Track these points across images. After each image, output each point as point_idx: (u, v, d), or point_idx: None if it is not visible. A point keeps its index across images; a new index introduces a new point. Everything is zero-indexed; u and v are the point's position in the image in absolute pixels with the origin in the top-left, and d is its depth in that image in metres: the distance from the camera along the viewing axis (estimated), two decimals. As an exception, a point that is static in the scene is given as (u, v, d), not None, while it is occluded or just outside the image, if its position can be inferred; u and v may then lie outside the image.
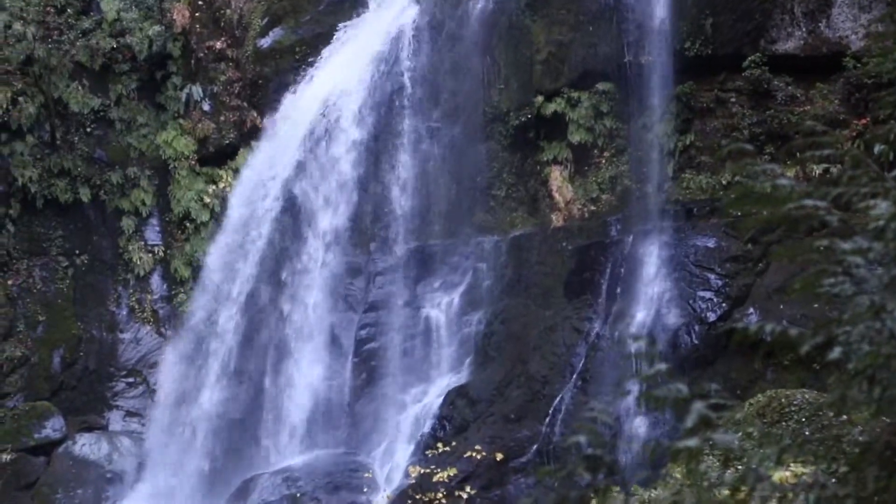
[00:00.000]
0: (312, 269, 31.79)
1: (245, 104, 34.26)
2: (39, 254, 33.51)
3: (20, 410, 31.53)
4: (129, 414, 33.04)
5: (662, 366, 5.25)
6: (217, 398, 31.50)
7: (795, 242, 5.69)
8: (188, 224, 33.70)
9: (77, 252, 33.68)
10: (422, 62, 32.12)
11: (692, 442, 4.87)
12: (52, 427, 31.26)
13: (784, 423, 18.12)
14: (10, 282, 33.08)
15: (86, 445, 31.08)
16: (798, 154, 25.11)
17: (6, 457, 30.54)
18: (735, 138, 27.72)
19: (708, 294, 26.57)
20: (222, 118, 34.22)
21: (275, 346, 31.88)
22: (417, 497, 13.32)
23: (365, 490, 26.60)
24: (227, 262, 32.13)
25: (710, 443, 4.99)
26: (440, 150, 32.16)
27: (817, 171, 25.64)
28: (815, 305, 23.00)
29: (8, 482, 30.34)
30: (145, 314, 33.75)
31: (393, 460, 28.86)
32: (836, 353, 5.10)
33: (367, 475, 27.45)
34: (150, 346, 33.62)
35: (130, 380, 33.36)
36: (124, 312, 33.83)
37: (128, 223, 33.64)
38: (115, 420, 32.94)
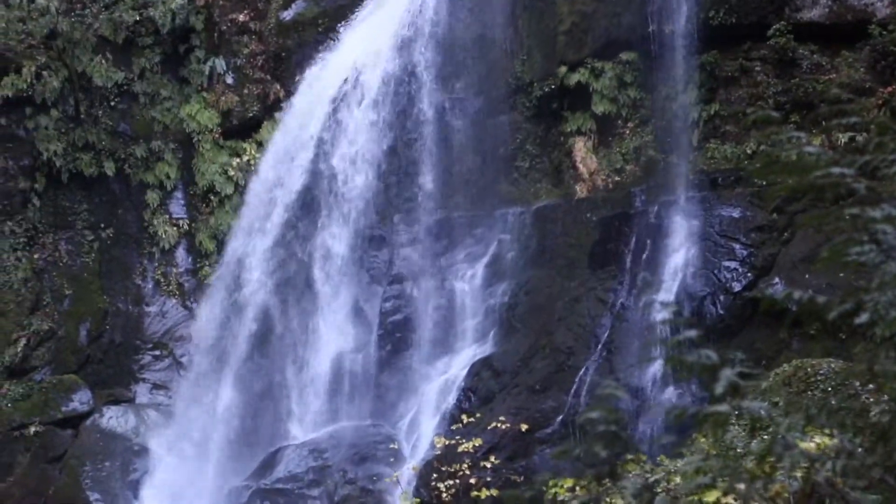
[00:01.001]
0: (336, 241, 31.81)
1: (268, 77, 34.26)
2: (65, 227, 33.63)
3: (48, 384, 31.71)
4: (156, 387, 33.18)
5: (691, 332, 5.23)
6: (243, 371, 31.60)
7: (822, 211, 5.65)
8: (212, 197, 33.75)
9: (102, 226, 33.79)
10: (444, 34, 32.02)
11: (722, 408, 4.86)
12: (80, 400, 31.42)
13: (810, 393, 18.06)
14: (36, 255, 33.22)
15: (113, 418, 31.23)
16: (824, 122, 24.99)
17: (34, 430, 30.73)
18: (760, 107, 27.58)
19: (733, 264, 26.49)
20: (245, 91, 34.23)
21: (299, 319, 31.94)
22: (443, 468, 13.34)
23: (391, 461, 26.68)
24: (251, 235, 32.17)
25: (738, 411, 4.98)
26: (463, 122, 32.11)
27: (843, 140, 25.50)
28: (842, 275, 22.89)
29: (36, 455, 30.54)
30: (171, 287, 33.86)
31: (418, 432, 28.92)
32: (863, 319, 5.07)
33: (392, 446, 27.53)
34: (176, 319, 33.74)
35: (157, 352, 33.48)
36: (150, 285, 33.94)
37: (152, 196, 33.71)
38: (142, 393, 33.08)
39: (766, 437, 5.31)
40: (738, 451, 5.64)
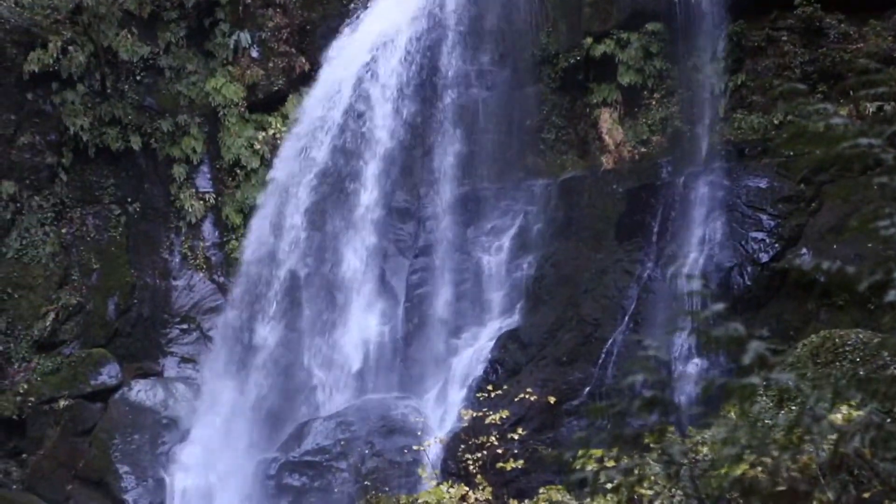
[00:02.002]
0: (362, 214, 31.82)
1: (293, 50, 34.24)
2: (92, 202, 33.73)
3: (76, 357, 31.86)
4: (184, 360, 33.30)
5: (719, 305, 5.22)
6: (270, 344, 31.69)
7: (849, 181, 5.64)
8: (238, 171, 33.78)
9: (129, 200, 33.87)
10: (470, 6, 31.93)
11: (750, 380, 4.85)
12: (108, 374, 31.57)
13: (838, 364, 18.02)
14: (63, 230, 33.34)
15: (141, 391, 31.37)
16: (851, 92, 24.85)
17: (63, 403, 30.91)
18: (787, 77, 27.45)
19: (760, 235, 26.41)
20: (271, 64, 34.21)
21: (326, 292, 31.99)
22: (470, 440, 13.39)
23: (418, 433, 26.74)
24: (278, 208, 32.21)
25: (766, 382, 4.97)
26: (489, 94, 32.05)
27: (871, 109, 25.35)
28: (870, 245, 22.80)
29: (65, 428, 30.73)
30: (198, 261, 33.93)
31: (445, 404, 28.97)
32: (892, 297, 5.05)
33: (420, 419, 27.59)
34: (204, 293, 33.83)
35: (184, 326, 33.58)
36: (177, 259, 34.02)
37: (179, 171, 33.75)
38: (170, 366, 33.21)
39: (793, 408, 5.32)
40: (767, 422, 5.64)
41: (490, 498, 12.55)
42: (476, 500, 12.57)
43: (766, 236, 26.37)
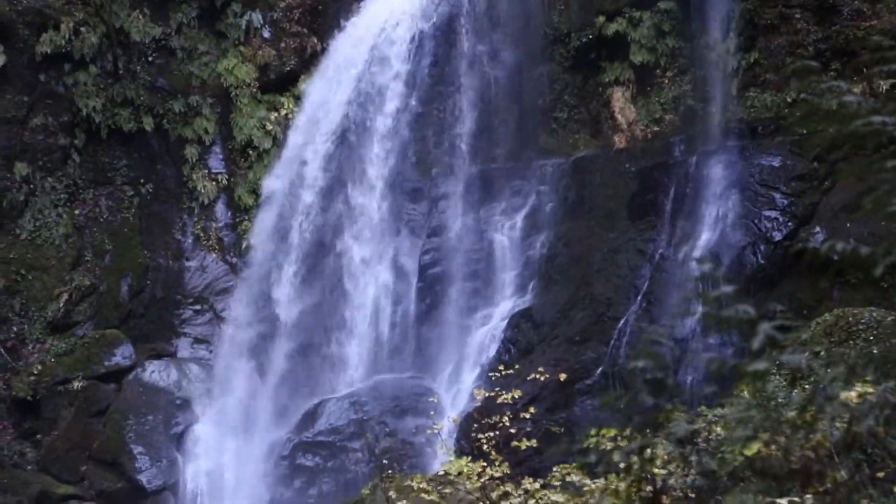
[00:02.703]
0: (374, 194, 31.82)
1: (305, 30, 34.19)
2: (105, 183, 33.75)
3: (90, 338, 31.92)
4: (197, 341, 33.35)
5: (728, 288, 5.20)
6: (282, 325, 31.74)
7: (863, 160, 5.60)
8: (251, 151, 33.76)
9: (142, 181, 33.88)
10: (481, -16, 31.90)
11: (761, 365, 4.83)
12: (122, 354, 31.63)
13: (852, 343, 17.97)
14: (76, 211, 33.38)
15: (155, 372, 31.44)
16: (865, 70, 24.74)
17: (77, 384, 30.97)
18: (800, 55, 27.34)
19: (773, 213, 26.35)
20: (282, 45, 34.17)
21: (338, 273, 32.01)
22: (483, 420, 13.42)
23: (431, 413, 26.77)
24: (289, 189, 32.22)
25: (778, 363, 4.95)
26: (501, 73, 31.99)
27: (885, 87, 25.24)
28: (884, 223, 22.73)
29: (80, 409, 30.81)
30: (210, 242, 33.95)
31: (458, 384, 29.00)
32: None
33: (432, 399, 27.63)
34: (216, 274, 33.86)
35: (197, 307, 33.63)
36: (190, 240, 34.04)
37: (191, 151, 33.74)
38: (184, 347, 33.26)
39: (806, 387, 5.30)
40: (780, 401, 5.63)
41: (507, 472, 12.58)
42: (492, 476, 12.59)
43: (779, 215, 26.30)
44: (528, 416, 14.17)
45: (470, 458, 13.47)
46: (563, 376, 21.07)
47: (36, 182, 32.92)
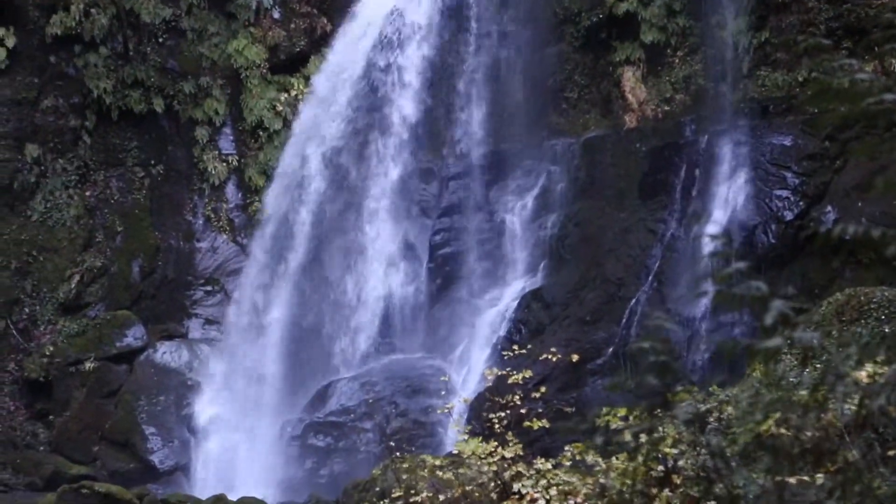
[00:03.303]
0: (384, 174, 31.82)
1: (315, 11, 34.15)
2: (116, 165, 33.79)
3: (102, 320, 32.00)
4: (208, 322, 33.41)
5: (740, 264, 5.19)
6: (293, 304, 31.78)
7: (875, 139, 5.59)
8: (261, 132, 33.75)
9: (153, 162, 33.92)
10: (491, -36, 31.83)
11: (773, 342, 4.82)
12: (134, 335, 31.70)
13: (863, 322, 17.95)
14: (87, 193, 33.43)
15: (166, 353, 31.51)
16: (877, 48, 24.65)
17: (89, 365, 31.06)
18: (811, 34, 27.23)
19: (785, 193, 26.30)
20: (292, 25, 34.13)
21: (349, 253, 32.04)
22: (494, 400, 13.43)
23: (442, 393, 26.79)
24: (299, 169, 32.22)
25: (790, 342, 4.94)
26: (511, 53, 31.94)
27: (896, 66, 25.17)
28: (895, 202, 22.72)
29: (92, 390, 30.89)
30: (221, 223, 33.98)
31: (469, 364, 29.03)
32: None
33: (443, 379, 27.64)
34: (227, 255, 33.90)
35: (208, 288, 33.69)
36: (200, 221, 34.07)
37: (201, 133, 33.75)
38: (195, 328, 33.33)
39: (818, 367, 5.29)
40: (791, 381, 5.62)
41: (519, 452, 12.60)
42: (503, 457, 12.61)
43: (790, 194, 26.25)
44: (539, 396, 14.18)
45: (481, 437, 13.50)
46: (574, 356, 21.07)
47: (47, 164, 32.98)
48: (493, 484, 12.45)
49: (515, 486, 11.74)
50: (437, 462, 14.13)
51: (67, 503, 24.38)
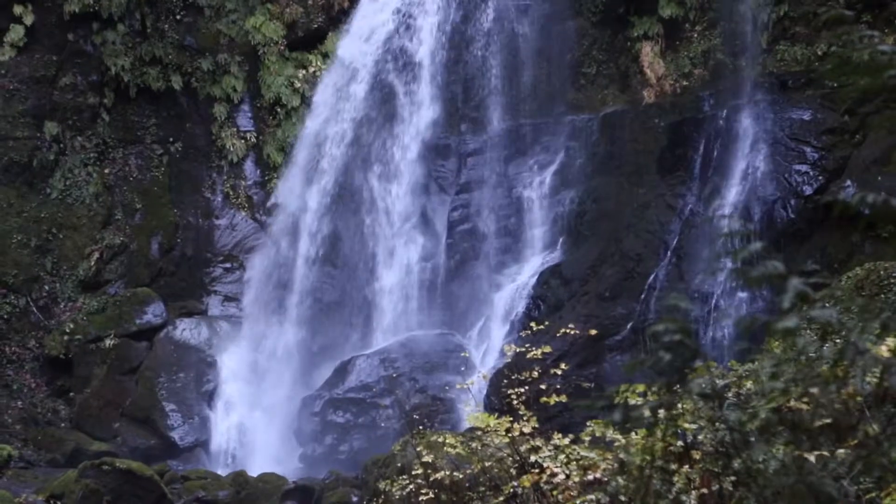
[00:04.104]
0: (402, 150, 31.80)
1: (332, -13, 34.10)
2: (134, 142, 33.86)
3: (121, 297, 32.10)
4: (227, 299, 33.49)
5: (757, 244, 5.17)
6: (312, 281, 31.82)
7: (894, 112, 5.55)
8: (279, 109, 33.75)
9: (171, 140, 33.97)
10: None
11: (790, 322, 4.80)
12: (153, 312, 31.79)
13: (883, 296, 17.91)
14: (106, 170, 33.50)
15: (186, 330, 31.59)
16: (896, 21, 24.50)
17: (109, 342, 31.17)
18: (831, 7, 27.09)
19: (804, 167, 26.20)
20: (310, 2, 34.07)
21: (367, 229, 32.05)
22: (513, 376, 13.42)
23: (461, 370, 26.83)
24: (317, 145, 32.23)
25: (808, 319, 4.92)
26: (529, 29, 31.86)
27: (916, 39, 25.02)
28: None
29: (112, 367, 31.00)
30: (239, 200, 34.02)
31: (488, 340, 29.05)
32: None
33: (462, 355, 27.68)
34: (246, 232, 33.95)
35: (227, 265, 33.76)
36: (219, 199, 34.13)
37: (219, 110, 33.77)
38: (214, 305, 33.41)
39: (838, 341, 5.27)
40: (811, 355, 5.60)
41: (536, 426, 12.58)
42: (521, 432, 12.60)
43: (809, 169, 26.16)
44: (557, 372, 14.16)
45: (498, 413, 13.49)
46: (592, 332, 21.06)
47: (66, 141, 33.05)
48: (511, 459, 12.45)
49: (532, 458, 11.74)
50: (457, 438, 14.13)
51: (89, 479, 24.49)
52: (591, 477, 10.71)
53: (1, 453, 26.81)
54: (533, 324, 17.74)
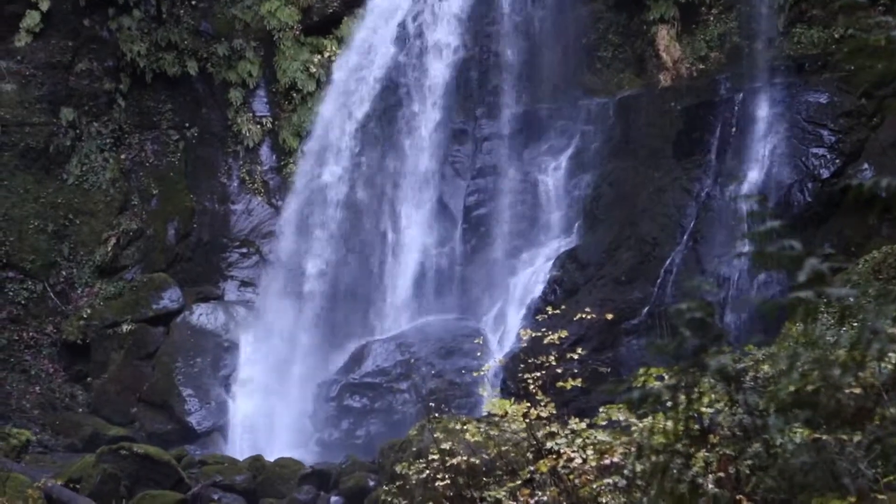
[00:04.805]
0: (418, 136, 31.78)
1: (347, -28, 34.06)
2: (150, 127, 33.91)
3: (138, 282, 32.18)
4: (244, 284, 33.54)
5: (775, 223, 5.16)
6: (328, 266, 31.84)
7: (912, 95, 5.54)
8: (294, 94, 33.75)
9: (187, 125, 34.00)
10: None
11: (811, 294, 4.80)
12: (170, 298, 31.86)
13: (900, 280, 17.86)
14: (122, 156, 33.57)
15: (203, 315, 31.66)
16: (914, 4, 24.38)
17: (126, 327, 31.25)
18: (847, -10, 26.94)
19: (821, 150, 26.13)
20: (325, -14, 34.04)
21: (383, 215, 32.06)
22: (529, 361, 13.42)
23: (477, 354, 26.85)
24: (333, 130, 32.22)
25: (825, 297, 4.92)
26: (544, 13, 31.78)
27: (934, 22, 24.86)
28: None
29: (129, 352, 31.09)
30: (256, 185, 34.05)
31: (504, 325, 29.05)
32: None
33: (478, 340, 27.67)
34: (262, 217, 33.99)
35: (244, 250, 33.80)
36: (235, 184, 34.17)
37: (235, 95, 33.79)
38: (230, 290, 33.46)
39: (855, 324, 5.27)
40: (828, 339, 5.60)
41: (553, 412, 12.60)
42: (538, 417, 12.62)
43: (826, 152, 26.09)
44: (574, 356, 14.16)
45: (514, 398, 13.51)
46: (609, 316, 21.06)
47: (82, 127, 33.11)
48: (527, 444, 12.47)
49: (549, 444, 11.76)
50: (473, 424, 14.15)
51: (106, 464, 24.59)
52: (607, 461, 10.72)
53: (19, 438, 26.91)
54: (549, 308, 17.76)
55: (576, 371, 13.92)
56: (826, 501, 5.50)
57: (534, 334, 15.22)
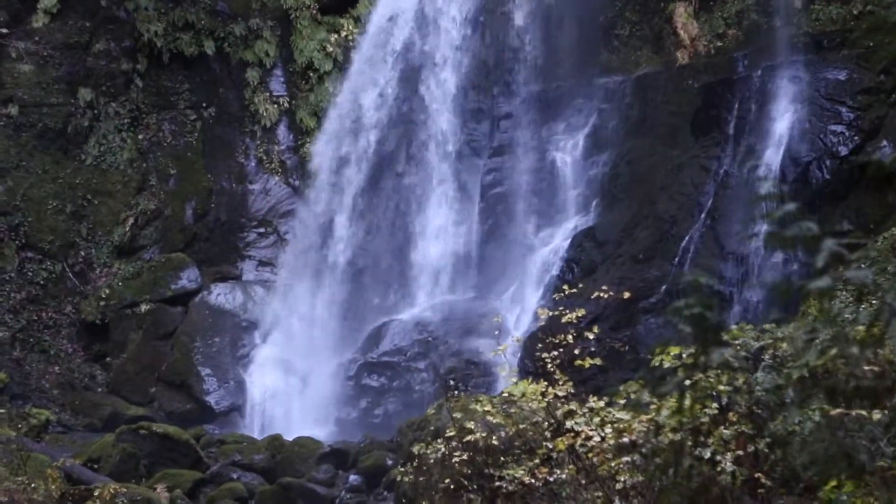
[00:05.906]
0: (435, 114, 31.74)
1: (364, -50, 33.99)
2: (168, 108, 33.92)
3: (156, 262, 32.25)
4: (262, 263, 33.58)
5: (791, 205, 5.15)
6: (346, 246, 31.87)
7: (931, 71, 5.51)
8: (311, 74, 33.72)
9: (204, 105, 34.01)
10: None
11: (823, 283, 4.78)
12: (188, 278, 31.93)
13: (919, 258, 17.78)
14: (140, 136, 33.59)
15: (221, 295, 31.72)
16: (933, -20, 24.21)
17: (145, 307, 31.35)
18: (866, -33, 26.81)
19: (839, 128, 26.01)
20: (341, -35, 33.98)
21: (401, 194, 32.06)
22: (547, 339, 13.41)
23: (495, 333, 26.83)
24: (352, 109, 32.20)
25: (843, 281, 4.90)
26: (561, -10, 31.69)
27: (953, -2, 24.71)
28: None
29: (148, 332, 31.18)
30: (273, 165, 34.06)
31: (522, 304, 29.03)
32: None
33: (496, 319, 27.67)
34: (279, 197, 34.01)
35: (261, 230, 33.84)
36: (252, 164, 34.18)
37: (252, 74, 33.78)
38: (248, 269, 33.51)
39: (873, 303, 5.25)
40: (846, 317, 5.58)
41: (571, 391, 12.61)
42: (556, 395, 12.63)
43: (845, 129, 25.96)
44: (591, 335, 14.14)
45: (532, 377, 13.52)
46: (626, 295, 21.02)
47: (100, 107, 33.14)
48: (546, 423, 12.48)
49: (568, 424, 11.77)
50: (491, 402, 14.17)
51: (126, 444, 24.71)
52: (625, 439, 10.72)
53: (39, 418, 27.05)
54: (566, 287, 17.74)
55: (593, 349, 13.91)
56: (841, 483, 5.50)
57: (551, 313, 15.20)
